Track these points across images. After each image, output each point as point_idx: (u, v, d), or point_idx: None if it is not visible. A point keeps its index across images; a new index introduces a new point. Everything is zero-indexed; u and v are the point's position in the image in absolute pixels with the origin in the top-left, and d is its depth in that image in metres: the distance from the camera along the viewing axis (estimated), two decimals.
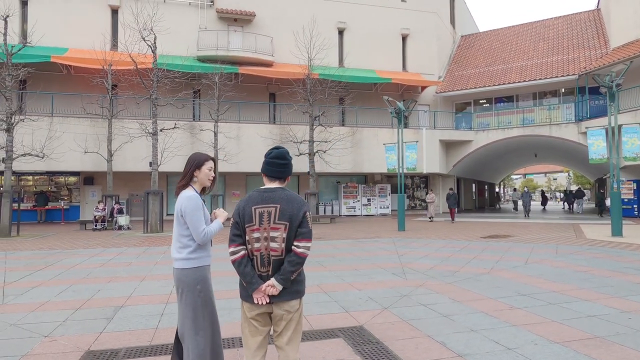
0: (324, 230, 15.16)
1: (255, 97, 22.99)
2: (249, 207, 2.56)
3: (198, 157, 2.97)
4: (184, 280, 2.82)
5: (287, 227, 2.50)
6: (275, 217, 2.51)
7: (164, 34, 19.24)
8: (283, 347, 2.56)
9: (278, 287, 2.47)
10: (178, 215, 2.83)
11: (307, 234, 2.53)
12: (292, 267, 2.47)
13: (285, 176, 2.68)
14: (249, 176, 23.38)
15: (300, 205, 2.56)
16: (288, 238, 2.50)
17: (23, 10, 20.84)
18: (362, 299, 5.56)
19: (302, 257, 2.50)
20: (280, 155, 2.65)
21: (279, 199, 2.56)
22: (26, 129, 16.15)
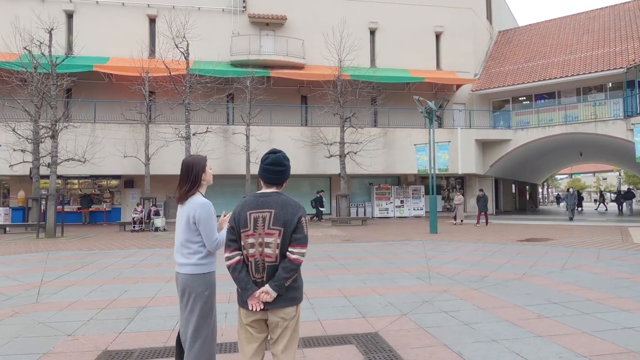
0: (354, 233, 15.03)
1: (287, 100, 23.17)
2: (244, 212, 2.53)
3: (200, 161, 2.96)
4: (193, 285, 2.81)
5: (281, 232, 2.46)
6: (269, 222, 2.47)
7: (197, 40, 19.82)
8: (278, 355, 2.52)
9: (272, 294, 2.43)
10: (189, 222, 2.80)
11: (301, 239, 2.48)
12: (286, 274, 2.43)
13: (279, 182, 2.63)
14: None
15: (295, 211, 2.51)
16: (282, 244, 2.46)
17: (69, 22, 22.02)
18: (382, 304, 5.43)
19: (296, 264, 2.44)
20: (276, 162, 2.60)
21: (274, 203, 2.52)
22: (69, 135, 17.01)
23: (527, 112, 24.31)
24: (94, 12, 21.94)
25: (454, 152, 22.35)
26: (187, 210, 2.82)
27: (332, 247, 11.21)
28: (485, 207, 17.82)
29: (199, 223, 2.78)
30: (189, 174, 2.92)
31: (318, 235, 14.41)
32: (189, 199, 2.85)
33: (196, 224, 2.79)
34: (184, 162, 2.98)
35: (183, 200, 2.87)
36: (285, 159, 2.64)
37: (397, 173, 22.84)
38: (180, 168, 2.99)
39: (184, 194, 2.89)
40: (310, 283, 6.73)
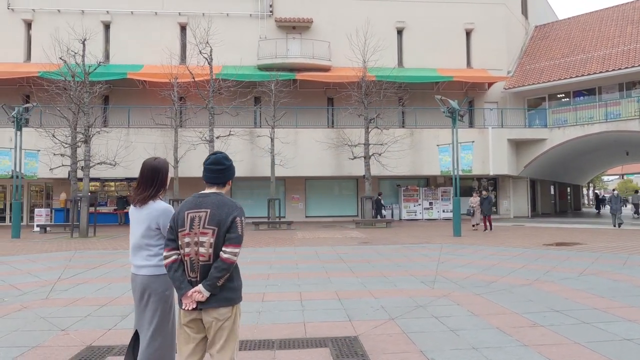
0: (375, 235, 14.86)
1: (314, 102, 23.27)
2: (182, 211, 2.57)
3: (165, 165, 2.97)
4: (153, 286, 2.83)
5: (215, 232, 2.48)
6: (204, 222, 2.49)
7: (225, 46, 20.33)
8: (214, 356, 2.52)
9: (205, 294, 2.44)
10: (150, 227, 2.82)
11: (235, 239, 2.48)
12: (217, 273, 2.43)
13: (222, 182, 2.66)
14: (308, 180, 23.69)
15: (230, 211, 2.52)
16: (216, 243, 2.47)
17: (106, 32, 23.16)
18: (373, 308, 5.34)
19: (228, 263, 2.44)
20: (216, 161, 2.64)
21: (210, 204, 2.54)
22: (101, 140, 17.85)
23: (565, 109, 23.16)
24: (129, 22, 22.96)
25: (484, 153, 21.66)
26: (148, 214, 2.84)
27: (347, 249, 11.14)
28: (489, 210, 16.09)
29: (163, 228, 2.81)
30: (154, 178, 2.91)
31: (337, 237, 14.36)
32: (148, 203, 2.88)
33: (160, 229, 2.83)
34: (149, 165, 2.95)
35: (143, 203, 2.91)
36: (225, 159, 2.66)
37: (424, 174, 22.39)
38: (141, 170, 3.01)
39: (147, 197, 2.91)
40: (310, 285, 6.74)
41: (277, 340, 4.21)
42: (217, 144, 17.12)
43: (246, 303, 5.59)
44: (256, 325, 4.69)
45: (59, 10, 22.40)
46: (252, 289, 6.43)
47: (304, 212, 23.60)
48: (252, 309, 5.32)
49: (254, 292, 6.26)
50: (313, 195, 24.04)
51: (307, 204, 23.84)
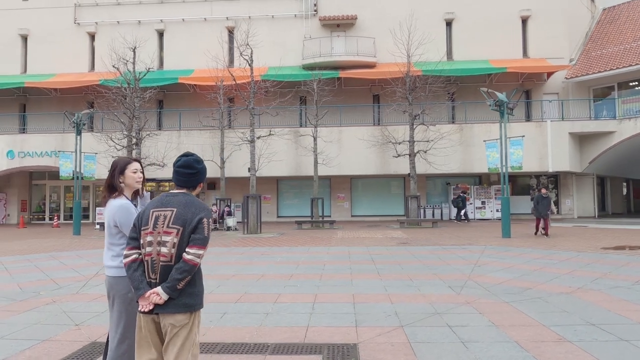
0: (417, 236, 14.32)
1: (358, 100, 22.94)
2: (148, 210, 2.52)
3: (119, 162, 2.95)
4: (117, 288, 2.84)
5: (179, 232, 2.39)
6: (169, 221, 2.42)
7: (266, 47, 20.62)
8: (173, 358, 2.43)
9: (163, 296, 2.34)
10: (110, 225, 2.83)
11: (199, 240, 2.38)
12: (178, 275, 2.33)
13: (191, 185, 2.58)
14: (354, 179, 23.41)
15: (197, 211, 2.43)
16: (180, 244, 2.38)
17: (160, 40, 24.37)
18: (386, 314, 5.05)
19: (190, 265, 2.34)
20: (185, 164, 2.56)
21: (176, 203, 2.47)
22: (154, 142, 18.78)
23: (637, 99, 20.96)
24: (181, 29, 23.99)
25: (542, 148, 20.20)
26: (107, 212, 2.87)
27: (381, 250, 10.79)
28: (547, 212, 13.17)
29: (120, 226, 2.80)
30: (109, 175, 2.93)
31: (377, 237, 14.00)
32: (109, 201, 2.89)
33: (118, 226, 2.82)
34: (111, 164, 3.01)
35: (104, 202, 2.92)
36: (196, 162, 2.58)
37: (475, 172, 21.27)
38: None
39: (105, 195, 2.91)
40: (329, 287, 6.55)
41: (272, 345, 4.08)
42: (259, 144, 17.37)
43: (257, 304, 5.56)
44: (258, 328, 4.60)
45: (118, 21, 23.91)
46: (269, 290, 6.37)
47: (349, 212, 23.36)
48: (261, 310, 5.25)
49: (269, 292, 6.19)
50: (359, 194, 23.74)
51: (353, 203, 23.56)
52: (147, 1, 24.09)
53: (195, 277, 2.46)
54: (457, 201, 20.43)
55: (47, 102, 23.97)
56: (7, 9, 24.29)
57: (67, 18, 24.20)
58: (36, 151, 21.42)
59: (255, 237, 14.40)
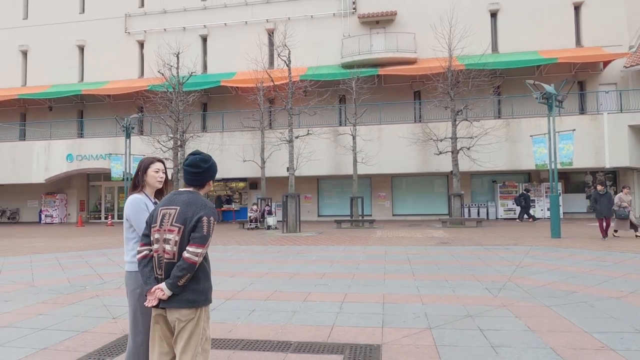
0: (459, 235, 13.84)
1: (399, 97, 22.54)
2: (158, 208, 2.60)
3: (144, 161, 3.07)
4: (127, 283, 2.93)
5: (180, 230, 2.46)
6: (173, 219, 2.49)
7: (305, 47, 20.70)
8: (177, 355, 2.50)
9: (166, 292, 2.42)
10: (124, 219, 2.96)
11: (198, 239, 2.43)
12: (178, 272, 2.40)
13: (198, 184, 2.64)
14: (395, 177, 23.03)
15: (197, 209, 2.48)
16: (181, 242, 2.45)
17: (204, 45, 25.16)
18: (415, 315, 4.91)
19: (188, 263, 2.39)
20: (192, 164, 2.63)
21: (180, 201, 2.54)
22: (198, 144, 19.41)
23: None
24: (223, 33, 24.64)
25: (598, 142, 18.91)
26: (124, 207, 2.99)
27: (419, 249, 10.52)
28: (609, 210, 11.62)
29: (129, 219, 2.90)
30: (135, 174, 3.07)
31: (417, 236, 13.68)
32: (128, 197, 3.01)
33: (128, 220, 2.92)
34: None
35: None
36: (203, 161, 2.63)
37: (523, 169, 20.22)
38: None
39: (130, 192, 3.05)
40: (360, 286, 6.47)
41: (294, 343, 4.08)
42: (298, 144, 17.50)
43: (286, 302, 5.58)
44: (284, 326, 4.61)
45: (164, 29, 24.94)
46: (299, 288, 6.39)
47: (390, 211, 23.01)
48: (289, 309, 5.26)
49: (300, 291, 6.20)
50: (400, 193, 23.32)
51: (394, 202, 23.19)
52: (191, 8, 24.95)
53: (200, 274, 2.50)
54: (520, 200, 19.38)
55: (101, 108, 25.45)
56: (66, 22, 26.02)
57: (118, 28, 25.57)
58: (92, 154, 22.79)
59: (293, 236, 14.52)
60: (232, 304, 5.57)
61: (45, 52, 26.12)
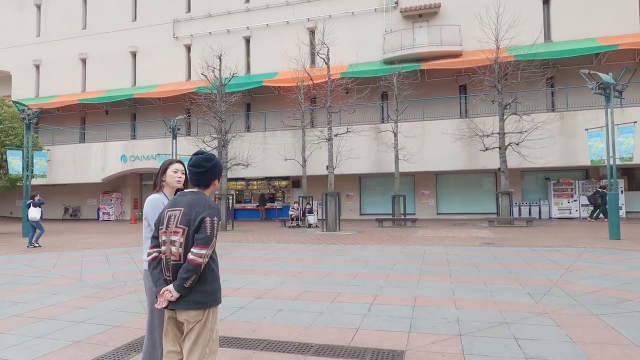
0: (506, 235, 13.17)
1: (443, 92, 21.82)
2: (165, 209, 2.62)
3: (165, 162, 3.16)
4: (145, 280, 3.03)
5: (184, 231, 2.46)
6: (177, 220, 2.50)
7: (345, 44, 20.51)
8: (185, 355, 2.50)
9: (174, 294, 2.43)
10: (143, 218, 3.05)
11: (201, 240, 2.41)
12: (184, 274, 2.40)
13: (203, 184, 2.63)
14: (440, 175, 22.35)
15: (200, 210, 2.47)
16: (186, 243, 2.45)
17: (247, 46, 25.65)
18: (446, 320, 4.67)
19: (193, 264, 2.38)
20: (195, 163, 2.62)
21: (184, 202, 2.54)
22: (240, 143, 19.82)
23: None
24: (265, 34, 24.99)
25: None
26: (144, 207, 3.06)
27: (461, 250, 10.10)
28: None
29: (146, 218, 2.97)
30: (156, 174, 3.16)
31: (460, 236, 13.16)
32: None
33: (146, 219, 2.98)
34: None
35: None
36: (205, 160, 2.61)
37: (580, 165, 18.92)
38: None
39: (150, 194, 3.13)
40: (392, 288, 6.28)
41: (315, 345, 3.99)
42: (337, 142, 17.40)
43: (314, 302, 5.51)
44: (308, 327, 4.54)
45: (210, 32, 25.68)
46: (330, 288, 6.30)
47: (435, 209, 22.37)
48: (316, 309, 5.19)
49: (330, 291, 6.11)
50: (445, 191, 22.61)
51: (439, 200, 22.52)
52: (235, 11, 25.52)
53: (207, 275, 2.48)
54: (595, 197, 17.99)
55: (152, 111, 26.65)
56: (120, 30, 27.48)
57: (167, 33, 26.64)
58: (144, 155, 23.94)
59: (332, 235, 14.46)
60: (261, 302, 5.58)
61: (101, 59, 27.73)
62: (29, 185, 15.63)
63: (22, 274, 7.97)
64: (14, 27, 29.82)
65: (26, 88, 29.18)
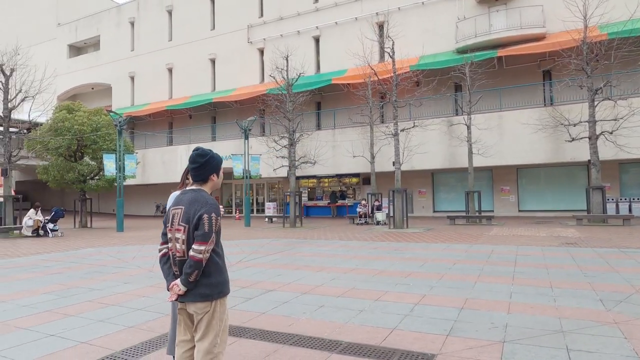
0: (594, 235, 11.82)
1: (524, 79, 20.18)
2: (170, 207, 2.75)
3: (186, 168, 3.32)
4: None
5: (185, 229, 2.56)
6: (179, 219, 2.61)
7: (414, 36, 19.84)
8: (196, 344, 2.62)
9: (182, 288, 2.55)
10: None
11: (200, 236, 2.50)
12: (187, 270, 2.51)
13: (201, 179, 2.71)
14: (521, 169, 20.73)
15: (199, 207, 2.56)
16: (187, 240, 2.55)
17: (317, 46, 25.98)
18: (492, 325, 4.33)
19: (194, 260, 2.48)
20: (191, 159, 2.72)
21: (185, 200, 2.64)
22: (308, 142, 20.14)
23: None
24: (334, 32, 25.08)
25: None
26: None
27: (534, 250, 9.27)
28: None
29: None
30: (182, 174, 3.37)
31: (540, 236, 12.09)
32: None
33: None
34: None
35: None
36: (199, 156, 2.69)
37: None
38: None
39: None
40: (443, 288, 5.97)
41: (344, 343, 3.93)
42: (407, 137, 16.94)
43: (357, 300, 5.44)
44: (343, 325, 4.49)
45: (281, 35, 26.44)
46: (378, 286, 6.16)
47: (516, 206, 20.80)
48: (357, 307, 5.11)
49: (377, 289, 5.98)
50: (528, 186, 20.91)
51: (520, 196, 20.89)
52: (304, 11, 25.97)
53: (211, 269, 2.56)
54: None
55: (230, 113, 28.16)
56: (200, 39, 29.41)
57: (242, 39, 27.93)
58: (222, 155, 25.32)
59: (398, 232, 14.11)
60: (305, 298, 5.63)
61: (185, 67, 29.92)
62: (121, 185, 17.38)
63: (106, 265, 8.90)
64: (112, 44, 33.36)
65: (123, 98, 32.50)
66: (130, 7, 32.85)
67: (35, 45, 35.55)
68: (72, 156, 19.61)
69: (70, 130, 18.41)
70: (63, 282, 7.15)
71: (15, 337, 4.33)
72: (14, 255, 10.62)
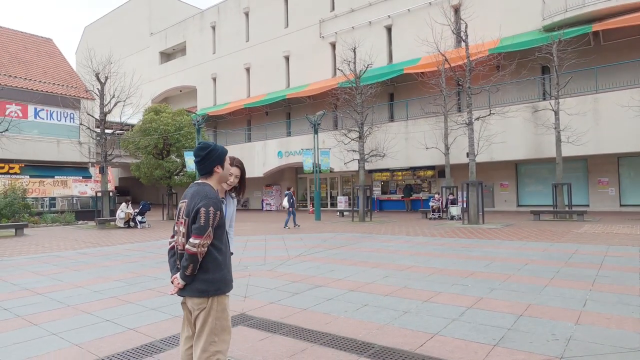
0: None
1: (626, 56, 17.70)
2: (180, 202, 2.78)
3: None
4: None
5: (186, 222, 2.57)
6: (183, 212, 2.63)
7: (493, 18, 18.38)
8: (194, 340, 2.61)
9: (180, 282, 2.57)
10: None
11: (196, 230, 2.50)
12: (184, 263, 2.53)
13: (205, 172, 2.70)
14: (622, 158, 18.29)
15: (198, 201, 2.56)
16: (187, 234, 2.57)
17: (389, 35, 25.27)
18: (553, 337, 3.80)
19: (189, 254, 2.48)
20: (193, 153, 2.73)
21: (189, 194, 2.67)
22: (378, 133, 19.67)
23: None
24: (407, 20, 24.17)
25: None
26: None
27: (628, 251, 8.05)
28: None
29: None
30: None
31: (636, 234, 10.53)
32: None
33: None
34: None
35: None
36: (200, 149, 2.69)
37: None
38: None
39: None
40: (506, 291, 5.42)
41: (376, 347, 3.70)
42: (481, 126, 15.78)
43: (405, 300, 5.16)
44: (382, 326, 4.25)
45: (352, 27, 26.15)
46: (431, 286, 5.78)
47: (617, 200, 18.43)
48: (402, 308, 4.82)
49: (429, 289, 5.61)
50: (631, 177, 18.39)
51: (622, 189, 18.45)
52: (375, 1, 25.38)
53: (209, 265, 2.53)
54: None
55: (304, 108, 28.58)
56: (275, 37, 30.20)
57: (314, 34, 28.14)
58: (296, 150, 25.90)
59: (472, 228, 13.22)
60: (351, 295, 5.46)
61: (261, 66, 30.97)
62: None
63: None
64: (196, 48, 35.65)
65: (207, 98, 34.61)
66: (211, 12, 34.78)
67: (131, 55, 39.31)
68: (159, 154, 21.34)
69: (157, 130, 20.03)
70: (135, 270, 7.75)
71: (77, 321, 4.74)
72: (103, 245, 11.82)
